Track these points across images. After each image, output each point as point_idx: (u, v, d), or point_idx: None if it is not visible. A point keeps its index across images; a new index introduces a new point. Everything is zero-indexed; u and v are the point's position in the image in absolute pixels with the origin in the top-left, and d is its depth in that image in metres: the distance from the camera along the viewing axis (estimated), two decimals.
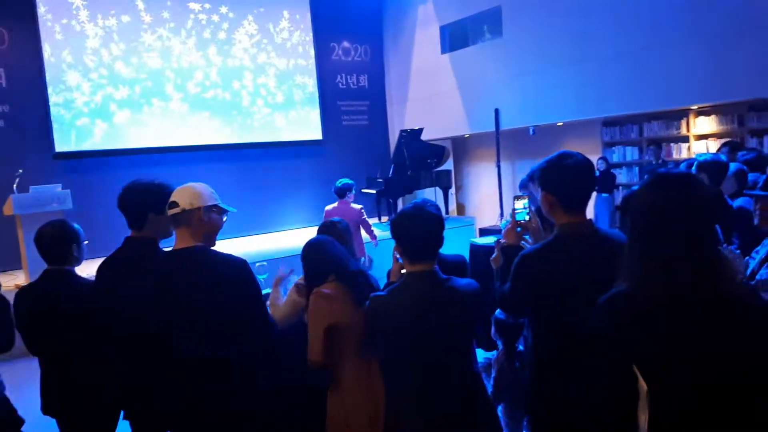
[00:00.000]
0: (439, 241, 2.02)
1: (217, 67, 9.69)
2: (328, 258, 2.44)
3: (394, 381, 2.12)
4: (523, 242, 2.28)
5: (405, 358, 2.01)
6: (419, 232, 1.98)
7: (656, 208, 1.37)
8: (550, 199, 1.92)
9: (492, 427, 2.11)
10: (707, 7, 6.88)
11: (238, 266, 2.09)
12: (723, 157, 3.95)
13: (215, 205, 2.18)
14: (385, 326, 2.02)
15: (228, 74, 9.79)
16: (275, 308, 2.76)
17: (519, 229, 2.29)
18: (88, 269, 2.74)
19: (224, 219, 2.25)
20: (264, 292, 3.46)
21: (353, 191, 6.27)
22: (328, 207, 6.26)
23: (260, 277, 3.15)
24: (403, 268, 2.13)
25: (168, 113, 9.23)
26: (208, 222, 2.13)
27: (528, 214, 2.37)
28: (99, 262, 2.46)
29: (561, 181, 1.89)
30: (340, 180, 6.30)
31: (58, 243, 2.57)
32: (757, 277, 2.51)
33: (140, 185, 2.40)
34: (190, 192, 2.12)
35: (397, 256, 2.21)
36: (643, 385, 1.46)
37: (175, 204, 2.08)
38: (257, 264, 3.59)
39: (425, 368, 1.98)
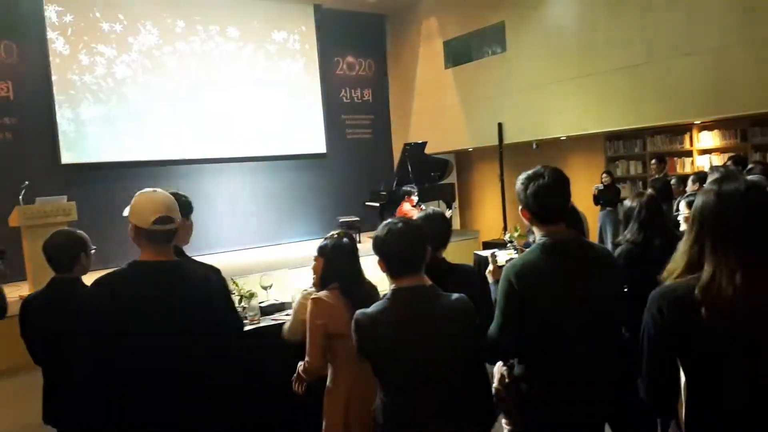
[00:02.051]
0: (423, 253, 1.94)
1: (223, 80, 9.78)
2: (337, 265, 2.45)
3: (384, 399, 2.02)
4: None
5: (392, 377, 1.94)
6: (402, 246, 1.91)
7: (732, 212, 1.42)
8: (527, 215, 2.02)
9: None
10: (708, 21, 6.94)
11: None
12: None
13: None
14: (372, 344, 1.94)
15: (233, 87, 9.87)
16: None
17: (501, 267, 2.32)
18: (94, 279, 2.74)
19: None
20: (267, 303, 3.49)
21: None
22: None
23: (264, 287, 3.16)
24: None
25: (175, 126, 9.30)
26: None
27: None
28: (105, 272, 2.46)
29: (535, 196, 1.96)
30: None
31: (66, 251, 2.58)
32: None
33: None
34: (173, 200, 2.03)
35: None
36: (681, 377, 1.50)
37: (171, 219, 1.98)
38: (261, 275, 3.61)
39: (413, 387, 1.90)
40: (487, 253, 5.88)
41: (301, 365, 2.46)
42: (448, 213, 8.92)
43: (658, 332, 1.48)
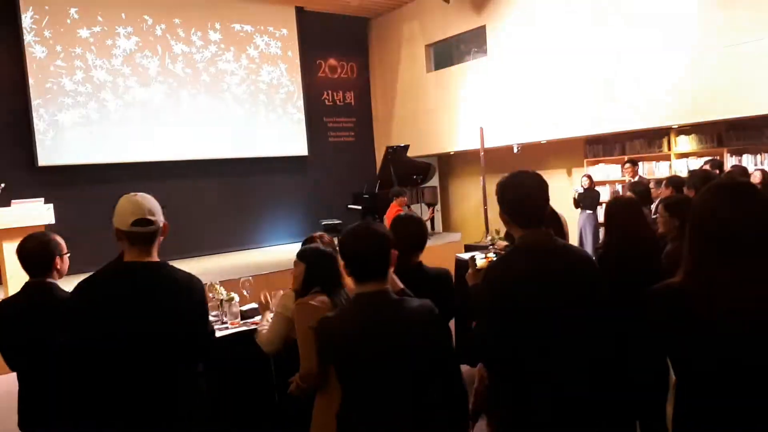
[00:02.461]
0: (388, 259, 1.92)
1: (204, 82, 9.71)
2: (319, 270, 2.44)
3: (347, 405, 1.99)
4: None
5: (354, 383, 1.91)
6: (367, 251, 1.89)
7: (726, 216, 1.47)
8: (505, 217, 2.03)
9: None
10: (685, 27, 7.07)
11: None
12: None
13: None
14: (333, 350, 1.92)
15: (214, 89, 9.81)
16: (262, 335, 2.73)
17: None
18: (70, 284, 2.70)
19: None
20: (247, 307, 3.46)
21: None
22: None
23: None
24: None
25: (154, 129, 9.19)
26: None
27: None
28: (81, 277, 2.43)
29: (513, 200, 1.98)
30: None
31: (40, 255, 2.53)
32: None
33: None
34: (154, 203, 2.05)
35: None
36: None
37: (150, 222, 2.00)
38: (241, 279, 3.59)
39: (375, 394, 1.87)
40: (467, 256, 5.92)
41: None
42: (426, 216, 8.96)
43: (650, 330, 1.54)
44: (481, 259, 2.46)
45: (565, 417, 1.94)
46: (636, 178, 7.37)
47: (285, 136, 10.61)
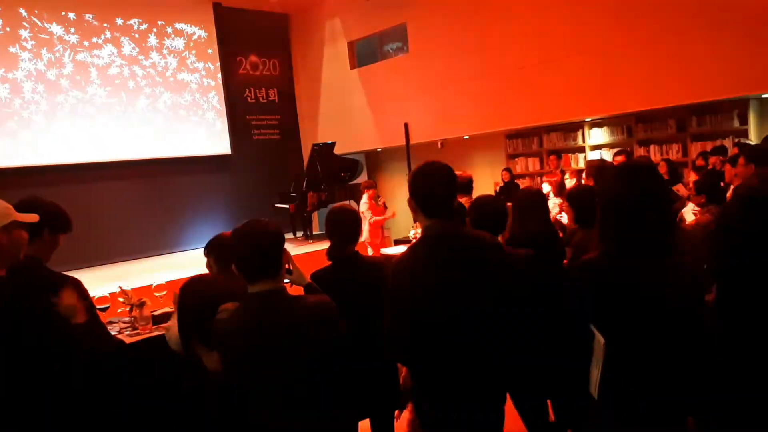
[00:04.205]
0: (279, 258, 1.87)
1: (121, 80, 9.29)
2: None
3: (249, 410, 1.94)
4: None
5: (249, 386, 1.85)
6: (256, 249, 1.83)
7: (627, 194, 1.67)
8: (412, 204, 2.04)
9: None
10: (595, 21, 7.39)
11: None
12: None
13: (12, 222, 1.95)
14: (227, 351, 1.85)
15: (132, 87, 9.39)
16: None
17: None
18: None
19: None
20: (160, 311, 3.32)
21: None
22: None
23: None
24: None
25: (68, 129, 8.76)
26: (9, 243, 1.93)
27: None
28: None
29: (419, 188, 2.00)
30: None
31: None
32: None
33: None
34: None
35: None
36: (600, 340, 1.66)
37: None
38: (154, 283, 3.43)
39: (269, 396, 1.83)
40: (392, 251, 5.99)
41: None
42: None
43: (577, 302, 1.72)
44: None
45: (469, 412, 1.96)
46: (557, 170, 7.66)
47: (207, 134, 10.31)
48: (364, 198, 7.94)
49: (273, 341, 1.79)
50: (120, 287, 3.04)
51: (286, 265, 2.01)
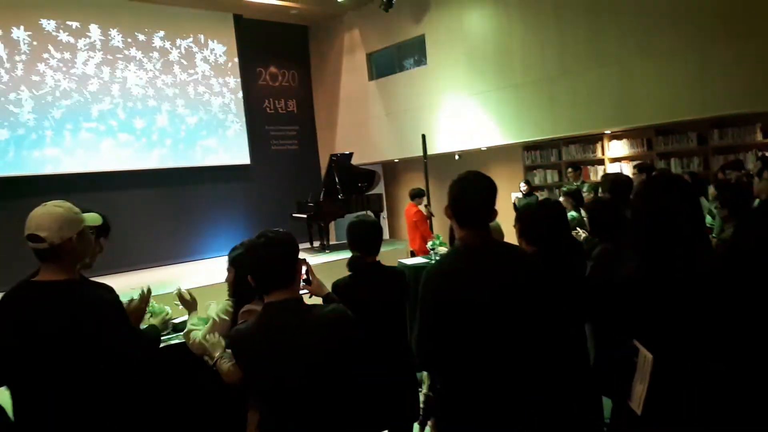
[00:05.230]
0: (292, 268, 1.89)
1: (144, 91, 9.45)
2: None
3: (264, 419, 1.94)
4: None
5: (266, 395, 1.87)
6: (270, 260, 1.85)
7: (658, 207, 1.63)
8: (449, 213, 2.04)
9: None
10: (613, 35, 7.35)
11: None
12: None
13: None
14: (246, 361, 1.88)
15: (154, 98, 9.54)
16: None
17: None
18: None
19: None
20: (180, 319, 3.34)
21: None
22: None
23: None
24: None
25: (93, 138, 8.94)
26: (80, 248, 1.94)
27: None
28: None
29: (456, 197, 2.00)
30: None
31: None
32: None
33: None
34: (48, 218, 1.86)
35: None
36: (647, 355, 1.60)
37: (38, 238, 1.84)
38: (175, 292, 3.46)
39: (287, 404, 1.84)
40: (411, 261, 5.98)
41: None
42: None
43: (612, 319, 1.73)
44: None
45: (500, 417, 1.92)
46: (578, 182, 7.58)
47: (227, 145, 10.43)
48: (413, 207, 7.92)
49: (287, 350, 1.80)
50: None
51: (303, 275, 2.03)
